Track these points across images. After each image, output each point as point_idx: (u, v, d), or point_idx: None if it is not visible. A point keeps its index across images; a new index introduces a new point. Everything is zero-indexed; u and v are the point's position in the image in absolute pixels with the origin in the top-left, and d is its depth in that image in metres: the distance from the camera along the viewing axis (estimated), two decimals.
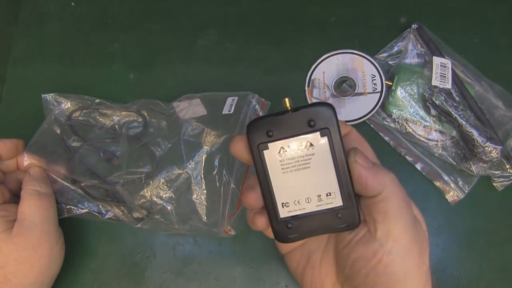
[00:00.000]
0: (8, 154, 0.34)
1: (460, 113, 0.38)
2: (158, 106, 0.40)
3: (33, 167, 0.36)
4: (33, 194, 0.33)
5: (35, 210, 0.33)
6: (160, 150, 0.39)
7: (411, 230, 0.25)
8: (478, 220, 0.39)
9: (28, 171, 0.36)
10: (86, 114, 0.41)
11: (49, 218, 0.34)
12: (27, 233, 0.32)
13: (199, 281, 0.38)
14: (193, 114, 0.38)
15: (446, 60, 0.40)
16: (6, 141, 0.34)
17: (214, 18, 0.46)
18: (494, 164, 0.39)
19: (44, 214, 0.33)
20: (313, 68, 0.43)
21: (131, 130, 0.40)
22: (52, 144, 0.39)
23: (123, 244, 0.39)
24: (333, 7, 0.46)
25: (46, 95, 0.41)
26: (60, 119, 0.40)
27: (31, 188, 0.34)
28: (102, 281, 0.39)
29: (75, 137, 0.40)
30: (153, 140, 0.38)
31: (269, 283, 0.38)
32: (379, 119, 0.41)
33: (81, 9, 0.47)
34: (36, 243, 0.32)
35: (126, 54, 0.45)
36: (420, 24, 0.42)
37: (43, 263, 0.33)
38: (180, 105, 0.39)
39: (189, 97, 0.39)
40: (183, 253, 0.39)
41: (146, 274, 0.39)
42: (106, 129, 0.40)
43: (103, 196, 0.38)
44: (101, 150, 0.40)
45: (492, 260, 0.38)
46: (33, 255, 0.32)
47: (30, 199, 0.33)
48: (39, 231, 0.32)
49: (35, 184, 0.34)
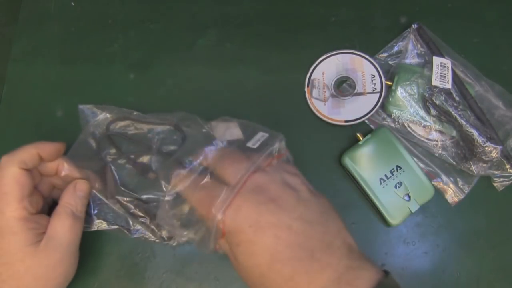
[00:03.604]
0: (50, 156, 0.34)
1: (460, 113, 0.38)
2: (196, 123, 0.39)
3: (80, 183, 0.35)
4: (70, 214, 0.33)
5: (67, 230, 0.33)
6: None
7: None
8: (478, 220, 0.39)
9: (75, 185, 0.35)
10: (122, 126, 0.41)
11: (75, 241, 0.34)
12: (53, 252, 0.32)
13: (199, 281, 0.38)
14: (230, 137, 0.37)
15: (446, 60, 0.40)
16: (50, 143, 0.33)
17: (214, 18, 0.46)
18: (494, 164, 0.39)
19: (73, 236, 0.33)
20: (312, 68, 0.43)
21: (167, 144, 0.40)
22: (88, 156, 0.39)
23: (123, 244, 0.39)
24: (333, 7, 0.46)
25: (83, 106, 0.40)
26: (95, 132, 0.40)
27: (70, 207, 0.33)
28: (102, 281, 0.39)
29: (108, 150, 0.39)
30: (185, 156, 0.38)
31: None
32: (379, 119, 0.41)
33: (81, 9, 0.47)
34: (58, 263, 0.32)
35: (126, 54, 0.45)
36: (420, 24, 0.42)
37: (57, 283, 0.33)
38: (218, 126, 0.39)
39: (226, 119, 0.39)
40: (183, 253, 0.39)
41: (146, 274, 0.39)
42: (143, 142, 0.40)
43: (136, 211, 0.38)
44: (136, 163, 0.39)
45: (492, 260, 0.38)
46: (51, 274, 0.32)
47: (66, 219, 0.33)
48: (64, 252, 0.32)
49: (75, 203, 0.34)
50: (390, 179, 0.38)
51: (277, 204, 0.28)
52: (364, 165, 0.38)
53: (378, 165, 0.38)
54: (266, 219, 0.28)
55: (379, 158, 0.39)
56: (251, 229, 0.28)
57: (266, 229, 0.27)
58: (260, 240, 0.27)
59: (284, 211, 0.28)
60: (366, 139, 0.39)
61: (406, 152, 0.39)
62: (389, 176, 0.38)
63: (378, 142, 0.39)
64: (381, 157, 0.39)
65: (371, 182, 0.38)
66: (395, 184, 0.38)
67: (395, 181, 0.38)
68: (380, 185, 0.38)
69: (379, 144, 0.39)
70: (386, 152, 0.39)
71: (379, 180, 0.38)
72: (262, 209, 0.28)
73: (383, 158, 0.39)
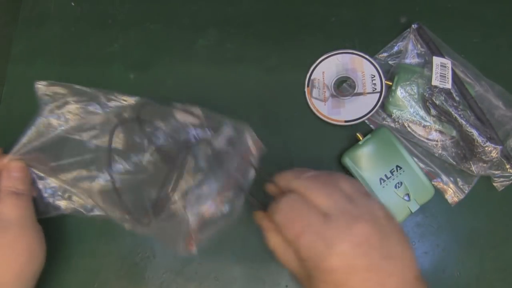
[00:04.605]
0: None
1: (460, 113, 0.38)
2: (160, 110, 0.37)
3: (13, 162, 0.36)
4: (10, 193, 0.34)
5: (12, 208, 0.33)
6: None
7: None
8: (478, 220, 0.39)
9: (8, 168, 0.35)
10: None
11: (26, 216, 0.34)
12: (3, 232, 0.32)
13: (199, 281, 0.38)
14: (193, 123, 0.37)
15: (446, 60, 0.40)
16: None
17: (214, 18, 0.46)
18: (494, 164, 0.39)
19: (20, 212, 0.34)
20: (312, 68, 0.43)
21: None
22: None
23: (123, 244, 0.39)
24: (333, 7, 0.46)
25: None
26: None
27: (8, 189, 0.34)
28: (102, 281, 0.39)
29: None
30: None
31: (269, 283, 0.38)
32: (379, 119, 0.41)
33: (81, 9, 0.47)
34: (13, 241, 0.33)
35: (126, 54, 0.45)
36: (420, 24, 0.42)
37: (22, 262, 0.33)
38: (179, 115, 0.37)
39: (187, 107, 0.37)
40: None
41: (146, 274, 0.39)
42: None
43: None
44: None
45: (492, 260, 0.38)
46: (10, 253, 0.32)
47: (7, 199, 0.34)
48: (16, 229, 0.33)
49: (13, 184, 0.35)
50: (390, 179, 0.38)
51: (369, 243, 0.27)
52: (364, 165, 0.38)
53: (378, 165, 0.38)
54: (360, 262, 0.27)
55: (379, 158, 0.39)
56: (344, 271, 0.27)
57: (358, 271, 0.27)
58: (348, 282, 0.27)
59: (374, 251, 0.27)
60: (366, 139, 0.39)
61: (406, 152, 0.39)
62: (389, 176, 0.38)
63: (378, 142, 0.39)
64: (381, 157, 0.39)
65: (371, 182, 0.38)
66: (395, 184, 0.38)
67: (395, 181, 0.38)
68: (380, 185, 0.38)
69: (379, 144, 0.39)
70: (386, 152, 0.39)
71: (379, 180, 0.38)
72: (357, 251, 0.27)
73: (383, 158, 0.39)
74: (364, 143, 0.39)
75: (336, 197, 0.29)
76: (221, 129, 0.35)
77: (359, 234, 0.27)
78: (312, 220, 0.28)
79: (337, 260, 0.27)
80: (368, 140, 0.39)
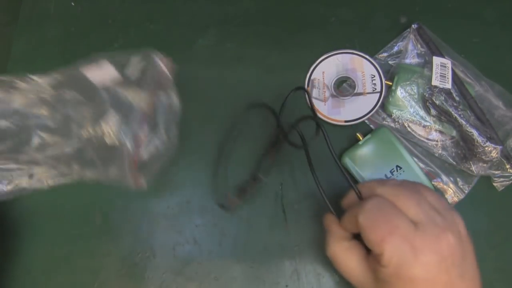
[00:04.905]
0: None
1: (460, 113, 0.38)
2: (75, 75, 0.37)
3: None
4: None
5: None
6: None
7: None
8: (478, 220, 0.39)
9: None
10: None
11: None
12: None
13: (199, 281, 0.38)
14: (110, 78, 0.36)
15: (446, 60, 0.40)
16: None
17: (214, 18, 0.46)
18: (494, 164, 0.39)
19: None
20: (312, 68, 0.43)
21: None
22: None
23: (123, 244, 0.39)
24: (333, 7, 0.46)
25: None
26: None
27: None
28: (102, 281, 0.39)
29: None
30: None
31: (269, 283, 0.38)
32: (379, 119, 0.41)
33: (81, 9, 0.47)
34: None
35: None
36: (420, 24, 0.42)
37: None
38: (91, 71, 0.37)
39: (95, 60, 0.37)
40: (183, 253, 0.39)
41: (146, 274, 0.39)
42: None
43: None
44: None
45: (492, 260, 0.38)
46: None
47: None
48: None
49: None
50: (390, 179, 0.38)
51: (452, 259, 0.27)
52: (364, 165, 0.38)
53: (378, 165, 0.38)
54: (441, 277, 0.26)
55: (379, 158, 0.39)
56: (424, 284, 0.26)
57: (436, 286, 0.26)
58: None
59: (454, 268, 0.27)
60: (366, 139, 0.39)
61: (406, 152, 0.39)
62: (389, 176, 0.38)
63: (378, 142, 0.39)
64: (381, 157, 0.39)
65: None
66: None
67: None
68: None
69: (379, 144, 0.39)
70: (386, 152, 0.39)
71: None
72: (442, 265, 0.26)
73: (383, 158, 0.39)
74: (364, 143, 0.39)
75: (425, 207, 0.28)
76: (129, 62, 0.35)
77: (446, 248, 0.26)
78: (402, 224, 0.27)
79: (422, 270, 0.26)
80: (368, 140, 0.39)
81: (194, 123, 0.42)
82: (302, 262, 0.38)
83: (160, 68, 0.35)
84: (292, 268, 0.38)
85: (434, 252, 0.26)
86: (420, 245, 0.26)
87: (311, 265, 0.38)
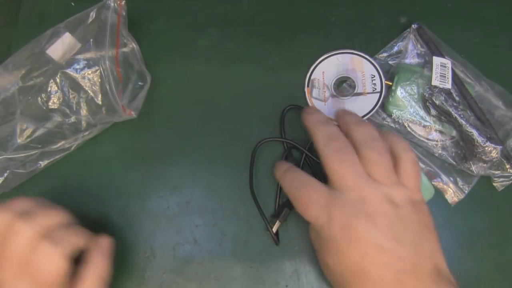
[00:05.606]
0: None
1: (460, 113, 0.38)
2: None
3: (105, 239, 0.34)
4: (99, 280, 0.32)
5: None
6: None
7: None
8: (478, 220, 0.39)
9: (99, 242, 0.33)
10: None
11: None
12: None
13: (199, 281, 0.38)
14: (71, 52, 0.38)
15: (446, 60, 0.40)
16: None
17: (214, 18, 0.46)
18: (494, 164, 0.39)
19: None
20: (312, 68, 0.43)
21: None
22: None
23: (123, 244, 0.39)
24: (333, 7, 0.46)
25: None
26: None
27: (99, 272, 0.32)
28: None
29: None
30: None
31: (269, 283, 0.38)
32: (379, 119, 0.41)
33: (81, 9, 0.47)
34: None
35: None
36: (420, 24, 0.42)
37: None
38: (54, 46, 0.38)
39: (55, 33, 0.39)
40: (183, 253, 0.39)
41: (146, 274, 0.39)
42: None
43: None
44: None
45: (492, 260, 0.38)
46: None
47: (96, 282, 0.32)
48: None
49: (103, 265, 0.32)
50: None
51: (371, 220, 0.28)
52: None
53: None
54: (358, 235, 0.27)
55: None
56: (343, 240, 0.28)
57: (356, 243, 0.27)
58: (348, 252, 0.28)
59: (377, 229, 0.28)
60: None
61: None
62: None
63: None
64: None
65: None
66: None
67: None
68: None
69: None
70: None
71: None
72: (356, 223, 0.28)
73: None
74: None
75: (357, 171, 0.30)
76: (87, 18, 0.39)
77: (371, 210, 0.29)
78: (315, 195, 0.30)
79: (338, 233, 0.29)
80: None
81: (194, 123, 0.42)
82: (302, 262, 0.38)
83: (114, 19, 0.38)
84: (292, 268, 0.38)
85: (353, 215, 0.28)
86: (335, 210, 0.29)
87: (311, 265, 0.38)
